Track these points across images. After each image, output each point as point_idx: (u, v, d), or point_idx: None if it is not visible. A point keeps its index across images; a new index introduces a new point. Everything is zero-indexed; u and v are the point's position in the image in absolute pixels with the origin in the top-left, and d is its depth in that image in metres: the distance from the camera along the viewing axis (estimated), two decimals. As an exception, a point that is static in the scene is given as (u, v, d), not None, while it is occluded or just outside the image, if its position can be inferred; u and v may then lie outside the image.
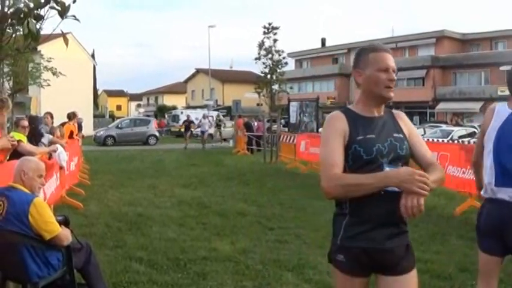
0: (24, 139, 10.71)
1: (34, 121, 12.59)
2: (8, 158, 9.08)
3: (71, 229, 6.33)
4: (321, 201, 15.11)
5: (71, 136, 19.07)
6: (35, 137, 12.35)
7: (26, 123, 11.05)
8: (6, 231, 5.59)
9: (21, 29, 7.40)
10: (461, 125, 50.32)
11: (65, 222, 6.48)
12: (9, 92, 43.44)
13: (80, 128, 24.23)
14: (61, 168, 13.04)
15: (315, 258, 9.07)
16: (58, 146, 11.71)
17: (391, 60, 4.07)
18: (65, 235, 5.97)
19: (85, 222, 12.01)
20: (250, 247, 9.92)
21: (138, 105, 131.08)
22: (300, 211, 13.84)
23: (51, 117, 17.10)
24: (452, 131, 37.51)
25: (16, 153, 9.08)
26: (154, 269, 8.47)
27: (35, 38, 6.79)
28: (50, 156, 11.64)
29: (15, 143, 7.84)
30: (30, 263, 5.68)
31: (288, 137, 27.72)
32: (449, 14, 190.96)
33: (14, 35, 8.10)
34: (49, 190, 10.97)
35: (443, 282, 7.95)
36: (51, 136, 13.72)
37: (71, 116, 20.24)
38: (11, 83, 44.25)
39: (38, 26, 7.62)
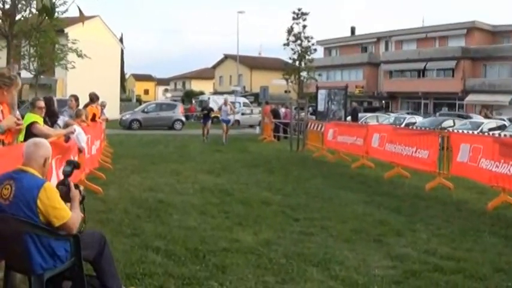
0: (41, 120, 10.33)
1: (48, 102, 12.17)
2: (23, 139, 8.71)
3: (84, 218, 5.91)
4: (348, 192, 14.81)
5: (93, 119, 18.65)
6: (50, 118, 12.00)
7: (42, 103, 10.62)
8: (11, 218, 5.19)
9: (35, 4, 6.98)
10: (490, 118, 49.57)
11: (74, 167, 6.33)
12: (33, 73, 43.30)
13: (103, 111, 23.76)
14: (80, 151, 12.60)
15: (342, 253, 8.67)
16: (76, 126, 11.25)
17: None
18: (74, 223, 5.56)
19: (103, 208, 11.65)
20: (274, 239, 9.47)
21: (166, 90, 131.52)
22: (327, 201, 13.36)
23: (76, 99, 16.60)
24: (482, 123, 36.76)
25: (32, 135, 8.72)
26: (171, 259, 8.03)
27: (49, 14, 6.33)
28: (68, 139, 11.20)
29: (21, 123, 7.39)
30: (35, 254, 5.26)
31: (316, 125, 27.28)
32: (480, 5, 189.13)
33: (27, 10, 7.68)
34: (65, 174, 10.57)
35: (477, 284, 7.43)
36: (66, 118, 13.33)
37: (94, 98, 19.63)
38: (35, 64, 44.08)
39: (53, 0, 7.19)
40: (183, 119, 53.20)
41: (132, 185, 15.08)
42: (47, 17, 6.89)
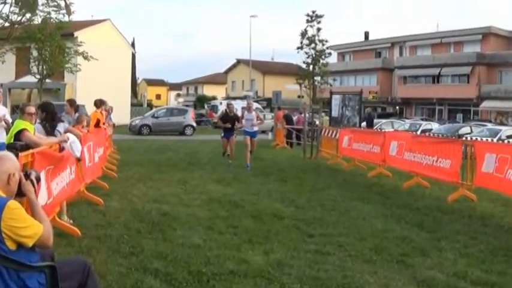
0: (31, 128, 9.51)
1: (47, 108, 11.38)
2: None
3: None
4: (366, 204, 14.05)
5: (97, 125, 17.87)
6: (50, 125, 11.18)
7: (32, 109, 9.80)
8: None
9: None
10: (505, 124, 48.76)
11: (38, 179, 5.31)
12: (38, 77, 42.80)
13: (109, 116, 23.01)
14: (79, 160, 11.75)
15: (362, 277, 7.84)
16: (69, 135, 10.40)
17: None
18: (49, 234, 4.68)
19: (102, 222, 10.85)
20: (287, 259, 8.59)
21: (178, 95, 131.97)
22: (343, 215, 12.49)
23: (71, 104, 15.64)
24: (500, 130, 35.79)
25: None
26: (171, 285, 7.19)
27: (30, 7, 5.52)
28: (62, 148, 10.35)
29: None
30: (1, 288, 4.38)
31: (330, 132, 26.48)
32: (496, 10, 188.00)
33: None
34: (59, 185, 9.68)
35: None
36: (67, 124, 12.48)
37: (98, 104, 18.98)
38: (40, 68, 43.60)
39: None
40: (194, 124, 52.73)
41: (135, 196, 14.26)
42: (28, 12, 6.08)
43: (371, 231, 10.82)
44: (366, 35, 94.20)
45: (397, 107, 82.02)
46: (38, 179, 5.30)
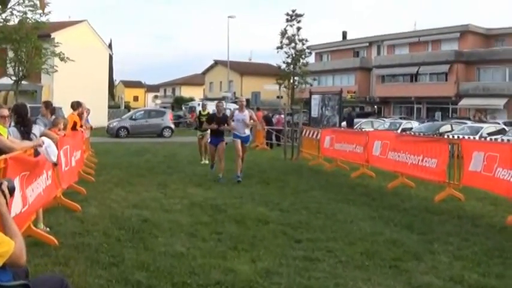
0: (4, 131, 9.01)
1: (21, 110, 10.87)
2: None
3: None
4: (351, 206, 13.80)
5: (74, 128, 17.42)
6: (24, 128, 10.69)
7: (5, 112, 9.28)
8: None
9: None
10: (484, 122, 48.73)
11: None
12: (14, 79, 42.31)
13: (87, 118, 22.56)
14: (56, 164, 11.27)
15: (355, 284, 7.50)
16: (44, 139, 9.91)
17: None
18: (21, 251, 4.18)
19: (80, 230, 10.37)
20: (275, 267, 8.19)
21: (155, 97, 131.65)
22: (330, 218, 12.11)
23: (47, 107, 15.10)
24: (482, 128, 35.67)
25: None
26: (154, 298, 6.75)
27: (2, 2, 5.18)
28: (38, 153, 9.85)
29: None
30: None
31: (311, 132, 26.07)
32: (474, 8, 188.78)
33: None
34: (35, 192, 9.20)
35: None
36: (43, 128, 11.98)
37: (75, 106, 18.55)
38: (16, 69, 43.10)
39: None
40: (172, 126, 52.37)
41: (114, 201, 13.77)
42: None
43: (360, 234, 10.46)
44: (344, 34, 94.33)
45: (376, 106, 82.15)
46: (12, 190, 4.77)
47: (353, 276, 7.80)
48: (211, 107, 26.30)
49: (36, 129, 11.17)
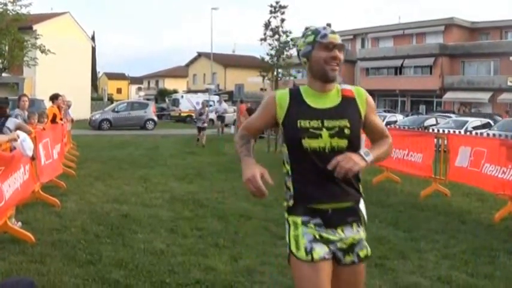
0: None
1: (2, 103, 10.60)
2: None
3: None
4: None
5: (54, 120, 17.13)
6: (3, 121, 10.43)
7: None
8: None
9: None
10: (468, 115, 48.61)
11: None
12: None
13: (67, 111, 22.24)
14: (33, 159, 10.96)
15: (340, 283, 7.11)
16: (20, 132, 9.59)
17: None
18: None
19: (58, 226, 10.08)
20: (257, 265, 7.94)
21: (139, 89, 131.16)
22: (313, 214, 11.79)
23: (28, 99, 14.90)
24: (467, 121, 35.44)
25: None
26: (131, 299, 6.49)
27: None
28: (15, 148, 9.53)
29: None
30: None
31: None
32: (458, 1, 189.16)
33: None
34: (12, 187, 8.89)
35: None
36: (17, 120, 11.65)
37: (53, 98, 18.24)
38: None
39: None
40: (155, 118, 51.96)
41: (94, 195, 13.49)
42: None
43: (344, 230, 10.23)
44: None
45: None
46: None
47: (338, 274, 7.54)
48: (194, 100, 25.93)
49: (11, 123, 10.88)
